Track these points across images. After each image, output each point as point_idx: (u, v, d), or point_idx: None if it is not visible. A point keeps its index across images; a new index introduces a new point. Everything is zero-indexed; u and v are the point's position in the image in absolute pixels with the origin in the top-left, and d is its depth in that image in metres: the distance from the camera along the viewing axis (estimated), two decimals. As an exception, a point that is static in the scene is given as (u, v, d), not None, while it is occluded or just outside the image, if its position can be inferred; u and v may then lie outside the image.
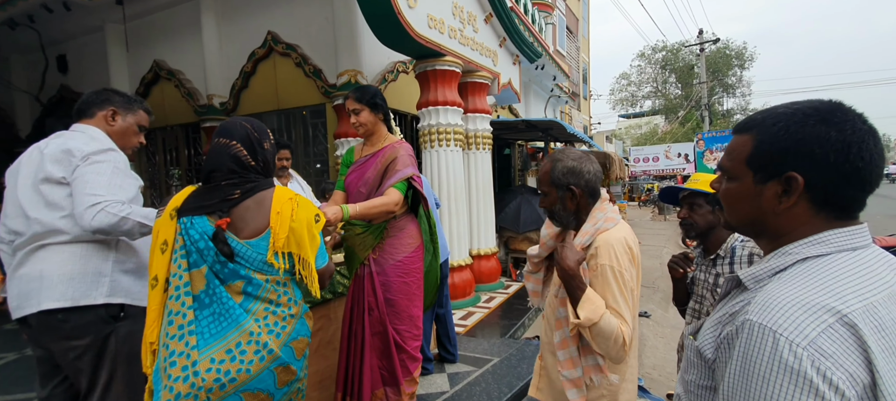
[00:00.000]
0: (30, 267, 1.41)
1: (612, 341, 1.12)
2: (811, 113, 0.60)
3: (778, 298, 0.55)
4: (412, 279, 2.07)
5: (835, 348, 0.50)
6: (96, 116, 1.58)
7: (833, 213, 0.61)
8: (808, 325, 0.52)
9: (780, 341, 0.52)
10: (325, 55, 4.35)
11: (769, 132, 0.63)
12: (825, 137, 0.58)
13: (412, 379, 2.13)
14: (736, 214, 0.70)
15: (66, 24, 5.61)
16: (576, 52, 15.04)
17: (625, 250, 1.19)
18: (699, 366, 0.67)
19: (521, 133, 7.01)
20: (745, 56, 26.13)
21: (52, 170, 1.41)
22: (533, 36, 6.19)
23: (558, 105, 11.21)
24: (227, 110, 5.02)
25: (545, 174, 1.32)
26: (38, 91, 6.30)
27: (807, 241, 0.61)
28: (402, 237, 2.04)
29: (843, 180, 0.59)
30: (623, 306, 1.15)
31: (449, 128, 4.04)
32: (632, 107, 31.56)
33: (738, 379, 0.56)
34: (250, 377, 1.13)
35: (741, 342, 0.56)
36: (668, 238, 9.95)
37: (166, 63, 5.30)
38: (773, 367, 0.52)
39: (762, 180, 0.64)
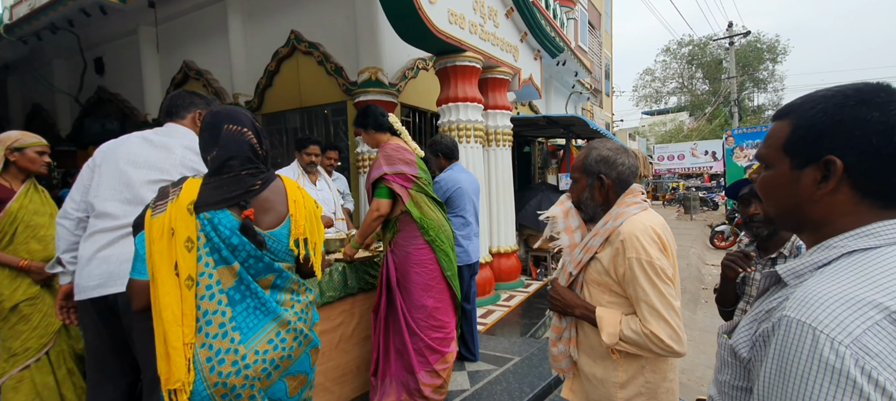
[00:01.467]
0: (120, 249, 1.44)
1: (647, 346, 1.10)
2: (852, 94, 0.57)
3: (819, 293, 0.51)
4: (423, 270, 2.18)
5: (882, 346, 0.46)
6: (186, 117, 1.66)
7: (879, 202, 0.57)
8: (852, 322, 0.47)
9: (820, 338, 0.48)
10: (346, 53, 4.39)
11: (806, 116, 0.59)
12: (866, 118, 0.55)
13: (433, 371, 2.16)
14: (774, 204, 0.66)
15: (103, 28, 5.87)
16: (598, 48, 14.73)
17: (652, 239, 1.12)
18: (733, 366, 0.64)
19: (542, 130, 6.90)
20: (778, 49, 24.99)
21: (192, 165, 1.51)
22: (554, 31, 6.08)
23: (580, 102, 11.00)
24: (252, 109, 5.13)
25: (579, 160, 1.29)
26: (78, 92, 6.63)
27: (853, 233, 0.56)
28: (408, 231, 2.19)
29: (886, 165, 0.55)
30: (655, 298, 1.09)
31: (469, 125, 4.01)
32: (656, 103, 30.68)
33: (774, 379, 0.52)
34: (292, 362, 1.19)
35: (778, 340, 0.52)
36: (695, 238, 9.62)
37: (195, 64, 5.47)
38: (812, 366, 0.48)
39: (800, 166, 0.60)
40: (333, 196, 3.10)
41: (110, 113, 6.47)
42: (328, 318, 2.23)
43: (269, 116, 5.21)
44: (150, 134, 1.58)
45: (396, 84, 4.42)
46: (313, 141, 2.98)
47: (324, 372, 2.22)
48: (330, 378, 2.26)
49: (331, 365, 2.26)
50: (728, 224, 8.49)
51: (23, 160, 1.96)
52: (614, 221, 1.18)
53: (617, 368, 1.19)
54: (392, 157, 2.16)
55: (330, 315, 2.24)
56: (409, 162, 2.19)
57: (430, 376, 2.16)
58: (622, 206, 1.20)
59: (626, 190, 1.24)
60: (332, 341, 2.26)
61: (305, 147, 2.94)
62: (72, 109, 7.00)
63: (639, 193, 1.24)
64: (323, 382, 2.22)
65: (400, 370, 2.17)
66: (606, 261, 1.18)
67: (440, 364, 2.18)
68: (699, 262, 7.21)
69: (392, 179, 2.12)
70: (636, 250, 1.11)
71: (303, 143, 2.96)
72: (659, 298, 1.09)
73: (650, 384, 1.18)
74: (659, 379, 1.19)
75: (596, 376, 1.23)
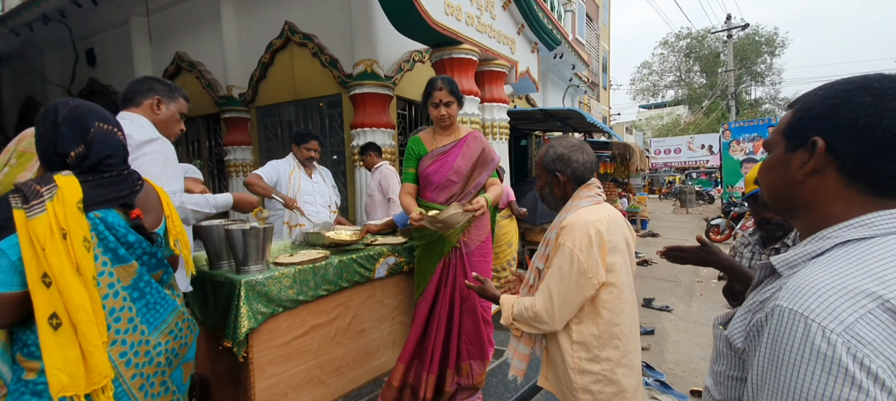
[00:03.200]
0: None
1: (528, 320, 1.25)
2: (856, 80, 0.57)
3: (811, 282, 0.51)
4: (490, 258, 2.28)
5: (874, 334, 0.45)
6: (142, 104, 1.61)
7: (869, 188, 0.56)
8: (843, 310, 0.47)
9: (811, 327, 0.48)
10: (341, 45, 4.35)
11: (808, 101, 0.61)
12: (857, 100, 0.54)
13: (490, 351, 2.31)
14: (766, 185, 0.67)
15: (95, 19, 5.79)
16: (596, 41, 14.67)
17: (587, 234, 1.21)
18: (728, 356, 0.65)
19: (539, 123, 6.89)
20: (776, 42, 25.00)
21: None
22: (552, 23, 6.03)
23: (577, 95, 10.98)
24: (245, 101, 5.09)
25: (539, 158, 1.42)
26: (69, 84, 6.56)
27: (847, 223, 0.56)
28: (483, 220, 2.22)
29: (874, 148, 0.54)
30: (554, 279, 1.21)
31: (466, 118, 3.99)
32: (653, 97, 30.68)
33: (766, 368, 0.52)
34: (187, 350, 1.30)
35: (770, 329, 0.52)
36: (691, 231, 9.67)
37: (187, 55, 5.41)
38: (803, 355, 0.48)
39: (792, 148, 0.61)
40: (329, 190, 3.09)
41: (102, 105, 6.38)
42: (324, 311, 2.23)
43: (263, 108, 5.17)
44: None
45: (392, 77, 4.38)
46: (313, 136, 2.98)
47: (320, 365, 2.22)
48: (326, 371, 2.26)
49: (327, 358, 2.26)
50: (723, 218, 8.53)
51: None
52: (566, 213, 1.28)
53: (572, 352, 1.27)
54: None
55: (326, 308, 2.24)
56: None
57: (488, 355, 2.29)
58: (576, 200, 1.31)
59: (581, 183, 1.33)
60: (329, 335, 2.26)
61: (305, 142, 2.94)
62: (64, 101, 6.92)
63: (595, 187, 1.33)
64: (319, 375, 2.22)
65: (466, 358, 2.20)
66: (552, 251, 1.29)
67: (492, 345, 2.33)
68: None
69: (499, 171, 2.21)
70: (566, 238, 1.21)
71: (303, 137, 2.95)
72: (560, 280, 1.20)
73: (606, 369, 1.25)
74: (614, 365, 1.25)
75: (560, 360, 1.31)
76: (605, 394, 1.25)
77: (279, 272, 1.99)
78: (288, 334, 2.07)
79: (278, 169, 2.86)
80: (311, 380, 2.19)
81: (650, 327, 3.76)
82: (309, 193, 2.92)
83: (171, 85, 1.68)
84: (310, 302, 2.14)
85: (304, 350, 2.15)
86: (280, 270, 2.01)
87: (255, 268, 1.97)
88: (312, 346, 2.19)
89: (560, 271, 1.20)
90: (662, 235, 8.97)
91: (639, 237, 8.82)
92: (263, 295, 1.92)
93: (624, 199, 9.50)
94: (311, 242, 2.55)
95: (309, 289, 2.12)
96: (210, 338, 2.10)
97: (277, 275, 1.98)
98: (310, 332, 2.17)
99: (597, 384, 1.24)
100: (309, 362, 2.17)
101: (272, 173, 2.81)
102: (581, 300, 1.22)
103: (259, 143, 5.29)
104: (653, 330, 3.72)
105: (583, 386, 1.25)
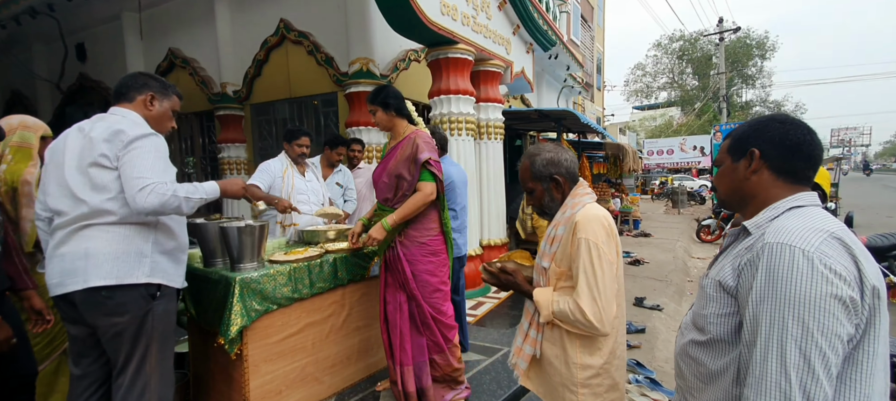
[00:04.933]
0: (74, 246, 1.44)
1: (575, 320, 1.22)
2: (767, 116, 0.90)
3: (786, 225, 0.77)
4: (438, 259, 2.22)
5: (833, 250, 0.72)
6: (135, 100, 1.60)
7: (790, 179, 0.86)
8: (813, 238, 0.73)
9: (795, 250, 0.73)
10: (337, 43, 4.34)
11: (740, 130, 0.94)
12: (772, 125, 0.88)
13: (455, 345, 2.27)
14: (723, 188, 0.96)
15: (85, 13, 5.71)
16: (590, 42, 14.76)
17: (602, 225, 1.25)
18: (718, 298, 0.85)
19: (534, 123, 6.93)
20: (767, 46, 25.34)
21: (104, 150, 1.43)
22: (547, 24, 6.07)
23: (571, 96, 11.04)
24: (239, 98, 5.06)
25: (526, 172, 1.39)
26: (59, 79, 6.45)
27: (790, 198, 0.84)
28: (425, 222, 2.17)
29: (788, 153, 0.85)
30: (592, 276, 1.21)
31: (461, 117, 4.01)
32: (646, 98, 30.93)
33: (765, 285, 0.74)
34: None
35: (765, 259, 0.75)
36: (682, 231, 9.79)
37: (181, 51, 5.35)
38: (793, 268, 0.72)
39: (736, 159, 0.92)
40: (321, 188, 3.07)
41: (93, 101, 6.31)
42: (319, 308, 2.24)
43: (258, 106, 5.14)
44: (86, 123, 1.53)
45: (388, 75, 4.39)
46: (304, 132, 2.93)
47: (315, 362, 2.23)
48: (321, 369, 2.27)
49: (321, 355, 2.27)
50: (714, 218, 8.65)
51: (44, 148, 1.91)
52: (572, 210, 1.30)
53: (572, 347, 1.28)
54: (431, 144, 2.16)
55: (320, 306, 2.25)
56: (437, 152, 2.22)
57: (454, 347, 2.25)
58: (576, 196, 1.33)
59: (575, 179, 1.36)
60: (323, 332, 2.27)
61: (296, 138, 2.89)
62: (53, 96, 6.81)
63: (586, 184, 1.37)
64: (314, 372, 2.23)
65: (427, 352, 2.19)
66: (563, 247, 1.28)
67: (456, 337, 2.29)
68: (685, 254, 7.35)
69: (434, 165, 2.10)
70: (586, 232, 1.23)
71: (294, 134, 2.90)
72: (595, 278, 1.20)
73: (605, 364, 1.27)
74: (611, 358, 1.29)
75: (558, 357, 1.31)
76: (602, 387, 1.27)
77: (274, 270, 1.99)
78: (282, 332, 2.07)
79: (271, 171, 2.81)
80: (305, 377, 2.19)
81: (641, 326, 3.80)
82: (302, 191, 2.90)
83: (164, 82, 1.68)
84: (304, 300, 2.14)
85: (299, 348, 2.15)
86: (275, 268, 2.01)
87: (250, 266, 1.97)
88: (307, 343, 2.19)
89: (593, 268, 1.20)
90: (654, 236, 9.07)
91: (631, 237, 8.90)
92: (258, 292, 1.92)
93: (617, 199, 9.57)
94: (306, 239, 2.55)
95: (304, 287, 2.12)
96: (204, 336, 2.09)
97: (272, 273, 1.98)
98: (304, 329, 2.17)
99: (596, 378, 1.27)
100: (303, 359, 2.17)
101: (266, 178, 2.78)
102: (614, 293, 1.22)
103: (253, 140, 5.26)
104: (643, 328, 3.76)
105: (583, 381, 1.26)
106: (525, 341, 1.38)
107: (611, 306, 1.21)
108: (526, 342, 1.38)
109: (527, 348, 1.37)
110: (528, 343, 1.37)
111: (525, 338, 1.39)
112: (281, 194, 2.76)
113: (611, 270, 1.21)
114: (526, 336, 1.38)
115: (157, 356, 1.55)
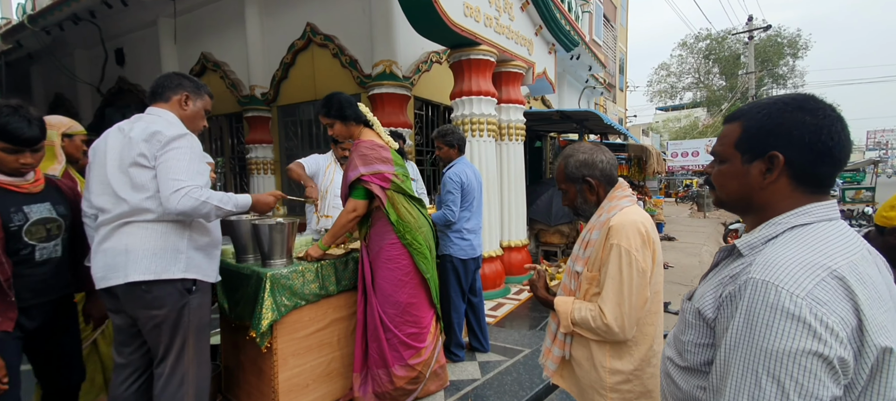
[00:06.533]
0: (115, 242, 1.51)
1: (596, 326, 1.19)
2: (789, 102, 0.70)
3: (777, 258, 0.63)
4: (395, 266, 2.16)
5: (829, 296, 0.58)
6: (171, 100, 1.65)
7: (809, 188, 0.70)
8: (805, 279, 0.59)
9: (782, 293, 0.59)
10: (361, 46, 4.42)
11: (755, 119, 0.72)
12: (801, 120, 0.68)
13: (406, 365, 2.19)
14: (726, 192, 0.78)
15: (124, 19, 5.99)
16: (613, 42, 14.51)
17: (638, 232, 1.19)
18: (697, 326, 0.75)
19: (555, 124, 6.87)
20: (799, 44, 24.27)
21: (143, 150, 1.50)
22: (569, 24, 6.02)
23: (593, 96, 10.88)
24: (267, 100, 5.21)
25: (560, 173, 1.36)
26: (99, 82, 6.79)
27: (793, 212, 0.69)
28: (379, 227, 2.17)
29: (817, 159, 0.68)
30: (618, 283, 1.17)
31: (482, 118, 4.02)
32: (671, 99, 30.07)
33: (742, 329, 0.62)
34: None
35: (746, 297, 0.63)
36: (708, 235, 9.50)
37: (212, 55, 5.56)
38: (776, 315, 0.59)
39: (749, 160, 0.73)
40: None
41: (131, 103, 6.61)
42: (345, 305, 2.29)
43: (284, 107, 5.28)
44: (126, 123, 1.59)
45: (410, 77, 4.44)
46: None
47: (341, 358, 2.28)
48: (346, 365, 2.32)
49: (347, 351, 2.31)
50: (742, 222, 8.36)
51: (71, 147, 2.00)
52: (608, 214, 1.25)
53: (606, 353, 1.24)
54: (368, 156, 2.10)
55: (346, 303, 2.29)
56: (386, 160, 2.13)
57: (404, 369, 2.18)
58: (613, 200, 1.27)
59: (612, 182, 1.31)
60: (349, 329, 2.32)
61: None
62: (93, 98, 7.17)
63: (626, 187, 1.31)
64: (339, 368, 2.28)
65: (373, 364, 2.18)
66: (596, 252, 1.24)
67: (414, 358, 2.19)
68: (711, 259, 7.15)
69: (369, 180, 2.07)
70: (619, 238, 1.18)
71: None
72: (621, 285, 1.16)
73: (636, 369, 1.24)
74: (644, 365, 1.25)
75: (587, 359, 1.28)
76: (633, 394, 1.24)
77: (302, 266, 2.05)
78: (310, 327, 2.13)
79: (318, 162, 3.02)
80: (331, 373, 2.24)
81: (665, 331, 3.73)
82: (341, 186, 3.09)
83: (197, 82, 1.74)
84: (331, 296, 2.20)
85: (326, 343, 2.21)
86: (303, 265, 2.07)
87: (280, 262, 2.04)
88: (333, 339, 2.24)
89: (621, 275, 1.16)
90: (679, 239, 8.82)
91: (654, 241, 8.68)
92: (287, 288, 1.98)
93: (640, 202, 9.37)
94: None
95: (331, 284, 2.18)
96: (236, 329, 2.18)
97: (301, 269, 2.04)
98: (331, 325, 2.23)
99: (626, 384, 1.23)
100: (329, 354, 2.23)
101: (312, 165, 2.98)
102: (643, 303, 1.19)
103: (279, 141, 5.40)
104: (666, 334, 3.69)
105: (612, 385, 1.23)
106: (554, 343, 1.37)
107: (634, 314, 1.18)
108: (554, 344, 1.36)
109: (555, 350, 1.35)
110: (556, 345, 1.35)
111: (554, 339, 1.37)
112: (320, 188, 2.92)
113: (641, 280, 1.17)
114: (554, 337, 1.37)
115: (195, 347, 1.62)
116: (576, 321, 1.23)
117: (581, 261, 1.29)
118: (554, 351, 1.36)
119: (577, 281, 1.31)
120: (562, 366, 1.39)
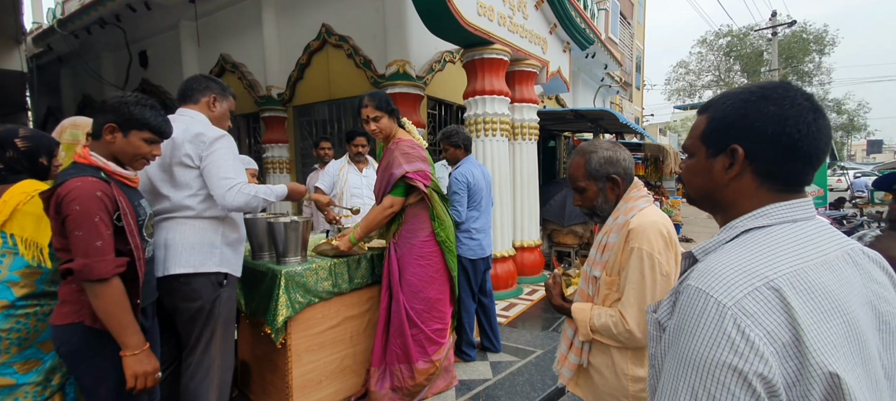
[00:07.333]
0: (155, 237, 1.57)
1: (616, 332, 1.14)
2: (755, 91, 0.64)
3: (715, 265, 0.59)
4: (427, 263, 2.20)
5: (757, 308, 0.53)
6: (200, 101, 1.72)
7: (776, 186, 0.64)
8: (736, 288, 0.54)
9: (709, 301, 0.55)
10: (374, 46, 4.46)
11: (719, 110, 0.67)
12: (764, 111, 0.62)
13: (429, 360, 2.22)
14: (693, 188, 0.74)
15: (147, 23, 6.18)
16: (629, 40, 14.26)
17: (660, 234, 1.14)
18: (658, 338, 0.70)
19: (569, 124, 6.79)
20: (826, 40, 23.41)
21: (188, 150, 1.56)
22: (584, 22, 5.94)
23: (608, 95, 10.72)
24: (283, 101, 5.30)
25: (578, 169, 1.27)
26: (124, 84, 7.02)
27: (750, 215, 0.64)
28: (414, 224, 2.20)
29: (783, 153, 0.61)
30: (640, 287, 1.12)
31: (495, 118, 4.01)
32: (689, 97, 29.36)
33: (674, 335, 0.60)
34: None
35: (680, 304, 0.60)
36: (728, 238, 9.25)
37: (231, 57, 5.68)
38: (700, 324, 0.55)
39: (713, 155, 0.68)
40: None
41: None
42: (357, 303, 2.31)
43: (299, 107, 5.36)
44: None
45: (423, 77, 4.45)
46: (359, 133, 3.24)
47: (353, 355, 2.31)
48: (358, 362, 2.35)
49: (359, 348, 2.34)
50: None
51: None
52: (625, 216, 1.19)
53: (628, 361, 1.19)
54: (411, 154, 2.14)
55: (359, 300, 2.32)
56: (425, 159, 2.18)
57: (427, 363, 2.21)
58: (630, 200, 1.22)
59: (631, 183, 1.25)
60: (361, 326, 2.34)
61: (351, 139, 3.26)
62: (118, 99, 7.41)
63: (642, 187, 1.25)
64: (352, 365, 2.31)
65: (395, 359, 2.20)
66: (615, 255, 1.19)
67: (437, 354, 2.22)
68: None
69: (414, 177, 2.10)
70: (640, 240, 1.12)
71: (350, 136, 3.28)
72: (644, 289, 1.11)
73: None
74: None
75: (608, 367, 1.22)
76: None
77: (316, 264, 2.09)
78: (323, 324, 2.16)
79: (331, 173, 3.16)
80: (343, 369, 2.27)
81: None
82: (357, 186, 3.21)
83: (223, 84, 1.81)
84: (344, 294, 2.23)
85: (338, 340, 2.24)
86: (317, 262, 2.11)
87: (294, 259, 2.08)
88: (346, 336, 2.27)
89: (644, 279, 1.11)
90: (697, 241, 8.63)
91: (671, 243, 8.52)
92: (301, 285, 2.02)
93: (657, 202, 9.20)
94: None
95: (343, 281, 2.21)
96: (251, 325, 2.22)
97: (314, 266, 2.07)
98: (343, 323, 2.26)
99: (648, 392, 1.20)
100: (342, 351, 2.26)
101: (328, 181, 3.13)
102: None
103: (295, 141, 5.49)
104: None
105: (635, 393, 1.18)
106: (570, 350, 1.30)
107: None
108: (571, 351, 1.29)
109: (572, 357, 1.29)
110: (573, 352, 1.28)
111: (570, 346, 1.30)
112: (336, 189, 3.04)
113: (665, 284, 1.12)
114: (571, 344, 1.30)
115: (222, 338, 1.69)
116: (595, 328, 1.18)
117: (599, 265, 1.23)
118: (570, 358, 1.29)
119: (595, 286, 1.25)
120: (578, 373, 1.33)
